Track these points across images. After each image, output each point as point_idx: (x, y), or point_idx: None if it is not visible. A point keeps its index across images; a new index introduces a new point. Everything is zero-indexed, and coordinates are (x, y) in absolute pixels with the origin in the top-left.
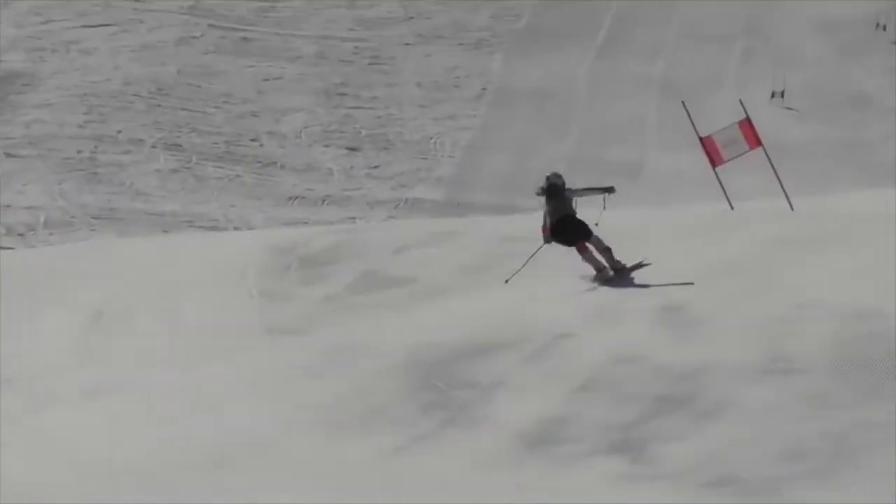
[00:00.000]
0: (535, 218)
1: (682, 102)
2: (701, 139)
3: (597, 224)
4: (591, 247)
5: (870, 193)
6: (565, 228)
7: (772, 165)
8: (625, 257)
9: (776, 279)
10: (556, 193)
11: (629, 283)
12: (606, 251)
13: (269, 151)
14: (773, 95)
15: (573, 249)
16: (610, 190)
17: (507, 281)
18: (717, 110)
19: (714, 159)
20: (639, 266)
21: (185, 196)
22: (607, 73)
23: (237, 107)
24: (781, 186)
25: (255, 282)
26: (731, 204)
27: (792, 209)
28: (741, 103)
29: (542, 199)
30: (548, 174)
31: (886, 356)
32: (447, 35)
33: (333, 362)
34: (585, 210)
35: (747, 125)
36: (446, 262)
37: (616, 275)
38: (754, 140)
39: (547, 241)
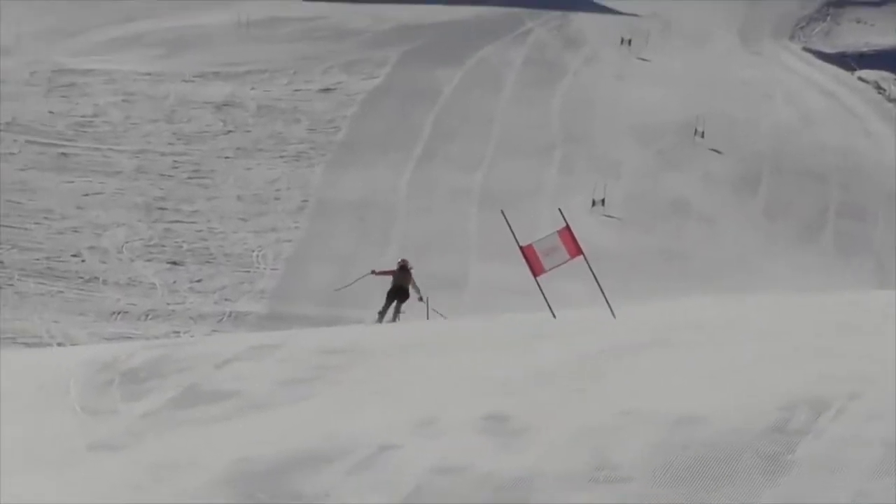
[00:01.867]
0: (357, 331)
1: (502, 212)
2: (521, 249)
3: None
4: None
5: (689, 301)
6: (396, 294)
7: (593, 274)
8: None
9: (599, 387)
10: (403, 272)
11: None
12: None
13: (91, 267)
14: (593, 204)
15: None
16: (421, 299)
17: (336, 290)
18: (537, 219)
19: (535, 268)
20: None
21: (8, 312)
22: (426, 184)
23: (57, 223)
24: (603, 294)
25: (77, 397)
26: (553, 312)
27: (614, 317)
28: (560, 212)
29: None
30: (400, 260)
31: (713, 462)
32: (267, 148)
33: (157, 478)
34: None
35: (567, 234)
36: (269, 375)
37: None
38: (575, 249)
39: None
